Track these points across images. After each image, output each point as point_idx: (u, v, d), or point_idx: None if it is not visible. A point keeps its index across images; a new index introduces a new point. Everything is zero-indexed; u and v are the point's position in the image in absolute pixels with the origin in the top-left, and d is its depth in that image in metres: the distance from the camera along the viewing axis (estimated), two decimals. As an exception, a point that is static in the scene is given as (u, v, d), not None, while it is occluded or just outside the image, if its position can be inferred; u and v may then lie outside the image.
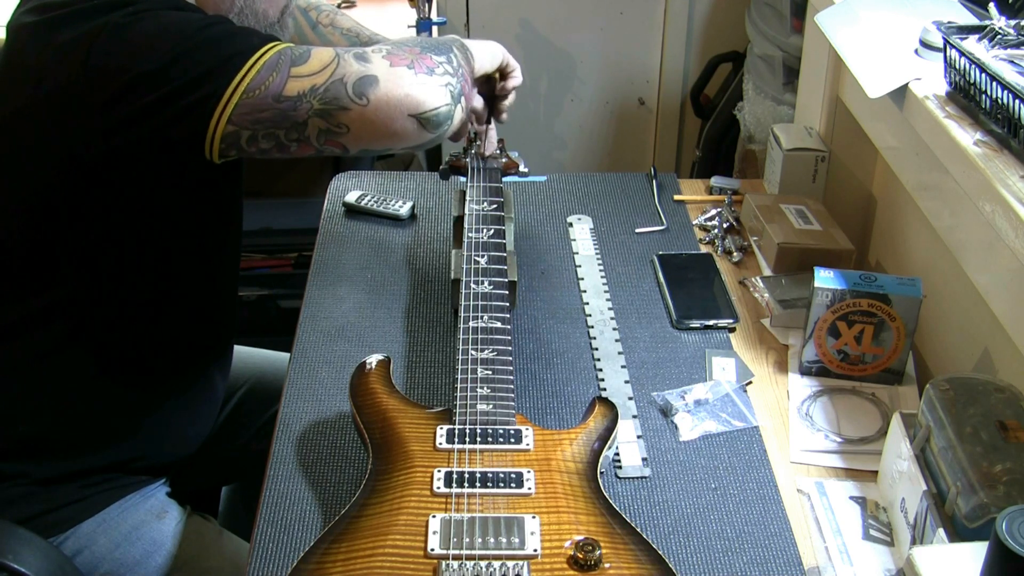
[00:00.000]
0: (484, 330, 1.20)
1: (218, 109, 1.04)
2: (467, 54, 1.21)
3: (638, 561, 0.95)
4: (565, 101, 2.82)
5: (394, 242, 1.57)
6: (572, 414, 1.24)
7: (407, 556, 0.94)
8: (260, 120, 1.06)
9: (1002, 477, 0.94)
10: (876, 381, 1.30)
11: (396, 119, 1.09)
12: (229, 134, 1.06)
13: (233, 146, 1.07)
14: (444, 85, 1.12)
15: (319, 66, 1.07)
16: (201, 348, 1.34)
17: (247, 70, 1.04)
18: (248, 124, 1.06)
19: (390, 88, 1.08)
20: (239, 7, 1.18)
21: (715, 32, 2.69)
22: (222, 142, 1.06)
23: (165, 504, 1.32)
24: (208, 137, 1.05)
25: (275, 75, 1.05)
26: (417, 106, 1.09)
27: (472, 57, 1.23)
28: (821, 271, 1.27)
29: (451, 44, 1.19)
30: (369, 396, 1.15)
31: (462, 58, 1.18)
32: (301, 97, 1.06)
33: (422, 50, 1.13)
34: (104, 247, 1.15)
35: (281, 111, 1.06)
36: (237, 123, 1.05)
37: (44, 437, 1.22)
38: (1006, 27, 1.11)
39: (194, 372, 1.33)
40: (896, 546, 1.08)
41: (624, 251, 1.56)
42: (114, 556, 1.25)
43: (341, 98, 1.07)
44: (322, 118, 1.07)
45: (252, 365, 1.57)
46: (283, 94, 1.05)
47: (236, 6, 1.18)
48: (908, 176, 1.40)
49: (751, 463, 1.18)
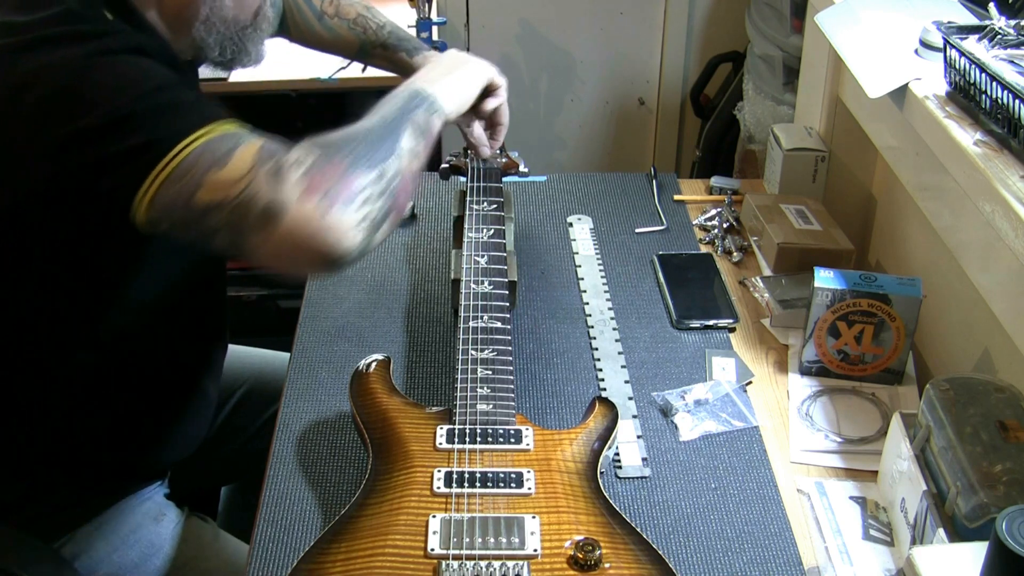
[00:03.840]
0: (484, 330, 1.20)
1: (138, 195, 0.95)
2: (430, 120, 1.09)
3: (638, 561, 0.95)
4: (565, 101, 2.82)
5: (394, 242, 1.57)
6: (572, 414, 1.24)
7: (407, 556, 0.94)
8: (174, 219, 0.96)
9: (1002, 477, 0.94)
10: (876, 381, 1.30)
11: (298, 259, 0.96)
12: (151, 220, 0.97)
13: (158, 229, 0.98)
14: (360, 221, 0.95)
15: (235, 176, 0.94)
16: (189, 356, 1.32)
17: (168, 161, 0.94)
18: (165, 217, 0.96)
19: (295, 227, 0.93)
20: (204, 15, 1.14)
21: (715, 32, 2.69)
22: (147, 224, 0.97)
23: (163, 506, 1.32)
24: (133, 216, 0.97)
25: (190, 176, 0.94)
26: (322, 250, 0.94)
27: (439, 115, 1.12)
28: (821, 271, 1.27)
29: (410, 112, 1.07)
30: (369, 396, 1.15)
31: (414, 141, 1.04)
32: (209, 210, 0.94)
33: (355, 159, 0.97)
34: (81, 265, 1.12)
35: (192, 216, 0.95)
36: (157, 212, 0.96)
37: (40, 444, 1.22)
38: (1006, 27, 1.11)
39: (183, 381, 1.31)
40: (896, 546, 1.08)
41: (624, 251, 1.56)
42: (112, 559, 1.25)
43: (245, 223, 0.94)
44: (229, 235, 0.96)
45: (252, 365, 1.57)
46: (193, 200, 0.95)
47: (202, 14, 1.14)
48: (908, 176, 1.40)
49: (751, 463, 1.18)
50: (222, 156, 0.95)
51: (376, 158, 0.99)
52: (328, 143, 0.98)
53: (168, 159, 0.94)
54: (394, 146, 1.02)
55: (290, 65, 2.15)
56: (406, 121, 1.06)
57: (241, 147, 0.96)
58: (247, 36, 1.19)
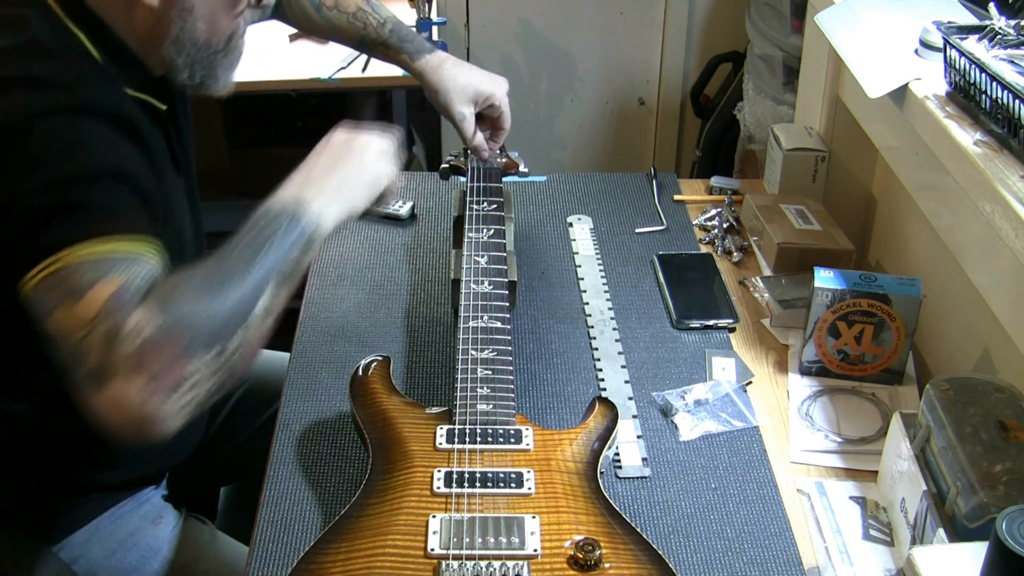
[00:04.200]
0: (484, 330, 1.20)
1: (23, 280, 0.93)
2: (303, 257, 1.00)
3: (638, 561, 0.95)
4: (565, 101, 2.82)
5: (394, 242, 1.57)
6: (572, 414, 1.24)
7: (407, 556, 0.94)
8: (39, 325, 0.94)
9: (1002, 477, 0.94)
10: (876, 381, 1.30)
11: (113, 427, 0.91)
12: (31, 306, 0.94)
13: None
14: (182, 408, 0.91)
15: (78, 320, 0.90)
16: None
17: (48, 264, 0.92)
18: (39, 313, 0.93)
19: (114, 403, 0.89)
20: (175, 34, 1.10)
21: (715, 32, 2.69)
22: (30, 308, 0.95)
23: (160, 509, 1.32)
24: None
25: (56, 292, 0.91)
26: (135, 431, 0.91)
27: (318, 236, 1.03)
28: (821, 271, 1.27)
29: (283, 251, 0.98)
30: (369, 396, 1.15)
31: (272, 297, 0.97)
32: (55, 339, 0.91)
33: (194, 338, 0.91)
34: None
35: (49, 334, 0.92)
36: (32, 305, 0.93)
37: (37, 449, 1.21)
38: (1006, 27, 1.11)
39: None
40: (896, 546, 1.08)
41: (624, 251, 1.56)
42: (110, 563, 1.25)
43: (76, 373, 0.90)
44: (68, 372, 0.91)
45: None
46: (47, 321, 0.91)
47: (172, 33, 1.10)
48: (908, 176, 1.40)
49: (751, 463, 1.18)
50: (82, 287, 0.91)
51: (221, 333, 0.93)
52: (174, 311, 0.91)
53: (49, 262, 0.92)
54: (247, 313, 0.95)
55: (290, 65, 2.15)
56: (272, 271, 0.98)
57: (101, 284, 0.91)
58: (217, 61, 1.16)
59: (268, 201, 1.04)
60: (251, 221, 1.02)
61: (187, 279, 0.95)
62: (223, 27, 1.14)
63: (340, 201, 1.07)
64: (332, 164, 1.10)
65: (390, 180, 1.14)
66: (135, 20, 1.09)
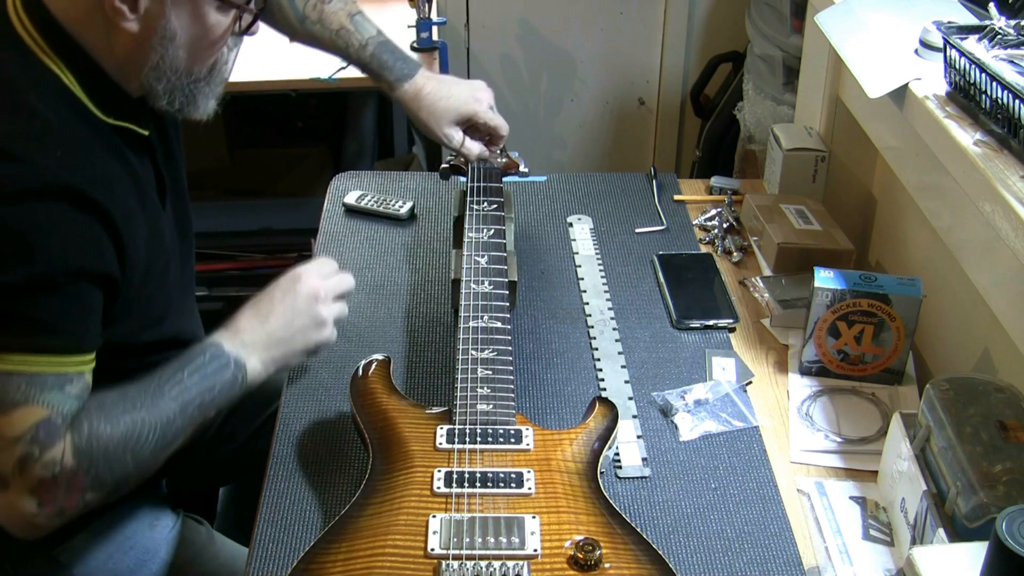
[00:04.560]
0: (484, 330, 1.20)
1: None
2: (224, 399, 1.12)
3: (638, 561, 0.95)
4: (565, 101, 2.82)
5: (394, 242, 1.57)
6: (572, 414, 1.24)
7: (407, 556, 0.94)
8: None
9: (1002, 477, 0.95)
10: (876, 381, 1.30)
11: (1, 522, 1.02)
12: None
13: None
14: (66, 519, 1.03)
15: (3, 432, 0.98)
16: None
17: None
18: None
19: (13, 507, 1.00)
20: (155, 62, 1.07)
21: (715, 32, 2.69)
22: None
23: (158, 511, 1.32)
24: None
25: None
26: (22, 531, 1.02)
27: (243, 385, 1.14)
28: (821, 271, 1.27)
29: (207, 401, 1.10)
30: (369, 396, 1.15)
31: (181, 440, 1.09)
32: None
33: (98, 481, 1.02)
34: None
35: None
36: None
37: None
38: (1006, 27, 1.11)
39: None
40: (896, 546, 1.08)
41: (624, 251, 1.56)
42: (108, 566, 1.25)
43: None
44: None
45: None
46: None
47: (152, 61, 1.07)
48: (908, 176, 1.40)
49: (751, 463, 1.18)
50: (7, 403, 0.98)
51: (128, 480, 1.06)
52: (90, 456, 1.01)
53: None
54: (155, 459, 1.08)
55: (290, 65, 2.15)
56: (195, 422, 1.10)
57: (28, 407, 0.98)
58: (199, 89, 1.13)
59: (210, 345, 1.13)
60: (190, 362, 1.11)
61: (112, 420, 1.03)
62: (205, 56, 1.11)
63: (274, 363, 1.17)
64: (279, 325, 1.18)
65: (327, 343, 1.22)
66: (114, 45, 1.05)
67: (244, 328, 1.17)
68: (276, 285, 1.22)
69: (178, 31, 1.06)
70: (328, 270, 1.25)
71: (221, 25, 1.09)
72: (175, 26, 1.05)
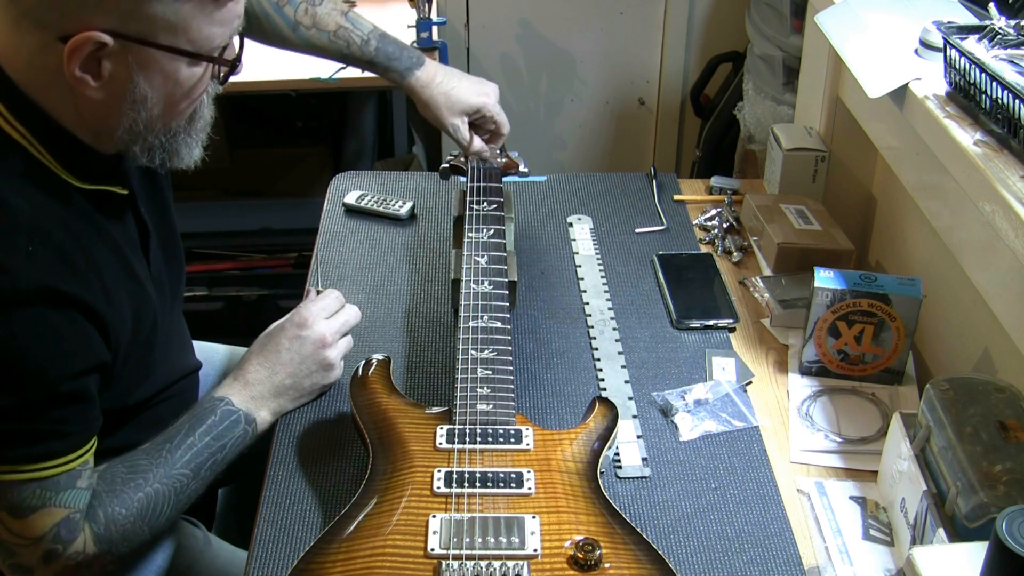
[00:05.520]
0: (484, 330, 1.20)
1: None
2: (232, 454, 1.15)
3: (638, 561, 0.95)
4: (565, 101, 2.82)
5: (394, 242, 1.57)
6: (572, 414, 1.24)
7: (407, 556, 0.94)
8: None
9: (1002, 477, 0.94)
10: (876, 381, 1.30)
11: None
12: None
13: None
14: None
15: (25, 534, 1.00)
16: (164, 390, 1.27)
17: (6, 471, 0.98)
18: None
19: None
20: (127, 125, 1.01)
21: (715, 32, 2.69)
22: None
23: None
24: None
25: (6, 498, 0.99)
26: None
27: (252, 436, 1.18)
28: (821, 271, 1.27)
29: (218, 457, 1.13)
30: (369, 396, 1.15)
31: (193, 499, 1.13)
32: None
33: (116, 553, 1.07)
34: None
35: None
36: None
37: None
38: (1006, 27, 1.11)
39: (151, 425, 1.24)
40: (896, 546, 1.08)
41: (624, 251, 1.56)
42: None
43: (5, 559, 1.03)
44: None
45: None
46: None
47: (123, 124, 1.01)
48: (908, 176, 1.40)
49: (751, 463, 1.18)
50: (25, 508, 1.00)
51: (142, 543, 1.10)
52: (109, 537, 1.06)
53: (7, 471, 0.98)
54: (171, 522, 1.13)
55: (290, 65, 2.14)
56: (207, 480, 1.14)
57: (46, 511, 1.01)
58: (180, 141, 1.07)
59: (219, 402, 1.16)
60: (201, 422, 1.14)
61: (125, 502, 1.06)
62: (183, 109, 1.05)
63: (282, 410, 1.22)
64: (287, 374, 1.21)
65: (334, 382, 1.26)
66: (83, 111, 1.00)
67: (253, 380, 1.19)
68: (283, 331, 1.23)
69: (148, 92, 1.00)
70: (333, 305, 1.27)
71: (195, 76, 1.02)
72: (144, 88, 0.99)
